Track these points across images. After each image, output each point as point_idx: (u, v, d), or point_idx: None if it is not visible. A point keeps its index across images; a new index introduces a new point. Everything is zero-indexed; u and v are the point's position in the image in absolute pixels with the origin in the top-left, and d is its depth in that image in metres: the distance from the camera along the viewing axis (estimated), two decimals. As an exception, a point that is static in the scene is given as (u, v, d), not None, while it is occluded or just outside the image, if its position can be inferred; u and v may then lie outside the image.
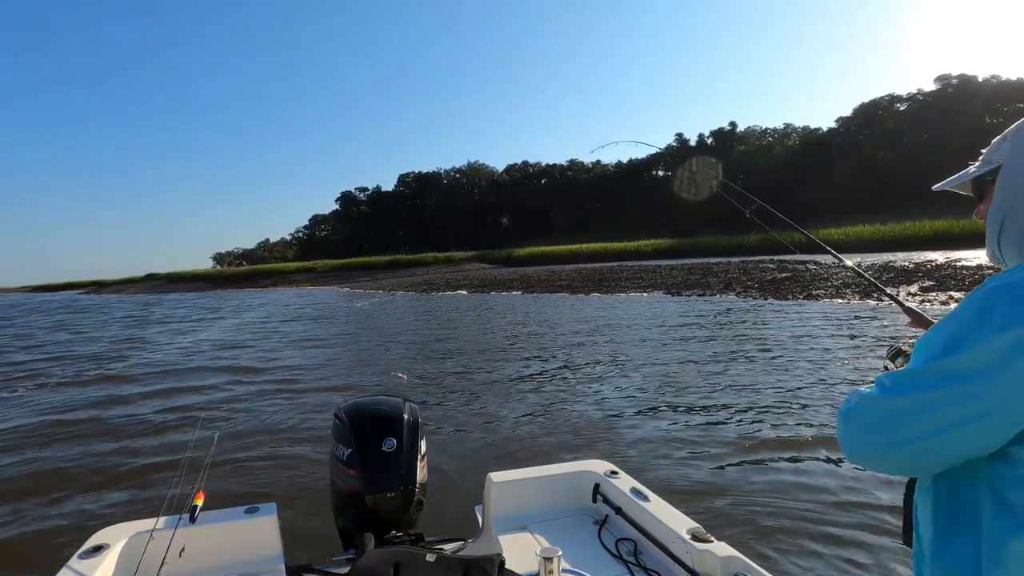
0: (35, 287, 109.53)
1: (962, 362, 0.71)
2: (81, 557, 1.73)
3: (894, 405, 0.77)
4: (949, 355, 0.72)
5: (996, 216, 0.83)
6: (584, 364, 8.93)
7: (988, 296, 0.71)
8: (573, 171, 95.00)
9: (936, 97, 66.91)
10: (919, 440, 0.75)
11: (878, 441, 0.80)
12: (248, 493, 4.21)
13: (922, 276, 18.34)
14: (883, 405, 0.79)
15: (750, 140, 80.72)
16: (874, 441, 0.80)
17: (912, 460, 0.79)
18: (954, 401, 0.72)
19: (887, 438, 0.78)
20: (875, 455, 0.82)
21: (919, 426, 0.75)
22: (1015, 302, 0.68)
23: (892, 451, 0.79)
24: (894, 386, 0.78)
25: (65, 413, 7.42)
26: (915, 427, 0.75)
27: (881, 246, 35.50)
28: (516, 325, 14.51)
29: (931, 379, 0.74)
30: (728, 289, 19.86)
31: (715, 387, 7.02)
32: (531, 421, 6.04)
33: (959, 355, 0.71)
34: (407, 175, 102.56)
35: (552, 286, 26.83)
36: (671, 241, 56.05)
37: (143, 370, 10.65)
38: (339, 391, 7.91)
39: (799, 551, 3.23)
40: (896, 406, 0.77)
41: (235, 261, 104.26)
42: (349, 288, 41.08)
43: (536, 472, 2.27)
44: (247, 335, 15.86)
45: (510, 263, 55.13)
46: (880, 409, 0.79)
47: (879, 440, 0.80)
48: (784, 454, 4.70)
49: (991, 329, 0.69)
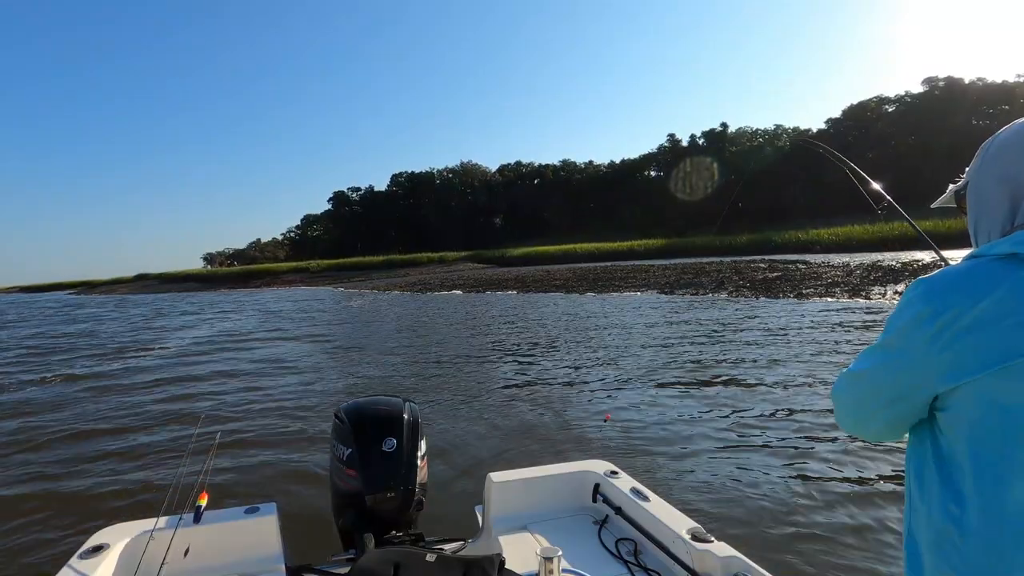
0: (23, 287, 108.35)
1: (891, 339, 0.87)
2: (81, 557, 1.72)
3: (857, 379, 0.93)
4: (885, 334, 0.89)
5: (970, 224, 0.94)
6: (582, 363, 8.95)
7: (910, 287, 0.87)
8: (566, 171, 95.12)
9: (924, 99, 67.58)
10: (881, 408, 0.90)
11: (856, 414, 0.96)
12: (248, 493, 4.21)
13: (909, 275, 18.51)
14: (850, 379, 0.95)
15: (741, 141, 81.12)
16: (852, 414, 0.96)
17: (885, 426, 0.92)
18: (889, 370, 0.87)
19: (858, 410, 0.95)
20: (857, 426, 0.97)
21: (875, 395, 0.90)
22: (916, 286, 0.84)
23: (865, 420, 0.95)
24: (856, 363, 0.94)
25: (65, 413, 7.38)
26: (873, 397, 0.91)
27: (869, 246, 35.78)
28: (513, 325, 14.51)
29: (875, 354, 0.90)
30: (720, 288, 19.95)
31: (714, 386, 7.05)
32: (531, 421, 6.05)
33: (889, 333, 0.87)
34: (400, 175, 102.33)
35: (547, 286, 26.85)
36: (664, 241, 56.26)
37: (143, 369, 10.59)
38: (339, 391, 7.90)
39: (799, 551, 3.24)
40: (858, 380, 0.93)
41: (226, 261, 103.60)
42: (344, 288, 40.92)
43: (536, 472, 2.27)
44: (245, 335, 15.77)
45: (504, 263, 55.10)
46: (848, 383, 0.95)
47: (856, 413, 0.96)
48: (785, 453, 4.72)
49: (902, 310, 0.85)
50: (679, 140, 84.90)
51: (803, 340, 9.67)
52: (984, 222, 0.90)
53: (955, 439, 0.82)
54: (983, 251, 0.83)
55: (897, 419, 0.90)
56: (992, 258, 0.80)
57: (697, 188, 74.26)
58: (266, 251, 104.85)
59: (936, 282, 0.82)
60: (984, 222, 0.90)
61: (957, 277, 0.80)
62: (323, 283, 49.02)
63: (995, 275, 0.77)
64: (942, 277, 0.82)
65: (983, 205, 0.90)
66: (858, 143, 68.54)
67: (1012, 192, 0.86)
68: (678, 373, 7.83)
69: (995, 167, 0.89)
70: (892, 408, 0.89)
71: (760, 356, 8.61)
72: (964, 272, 0.81)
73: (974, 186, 0.92)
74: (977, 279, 0.78)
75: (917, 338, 0.81)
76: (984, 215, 0.90)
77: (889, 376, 0.87)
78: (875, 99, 72.79)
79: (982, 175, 0.90)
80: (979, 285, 0.77)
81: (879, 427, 0.94)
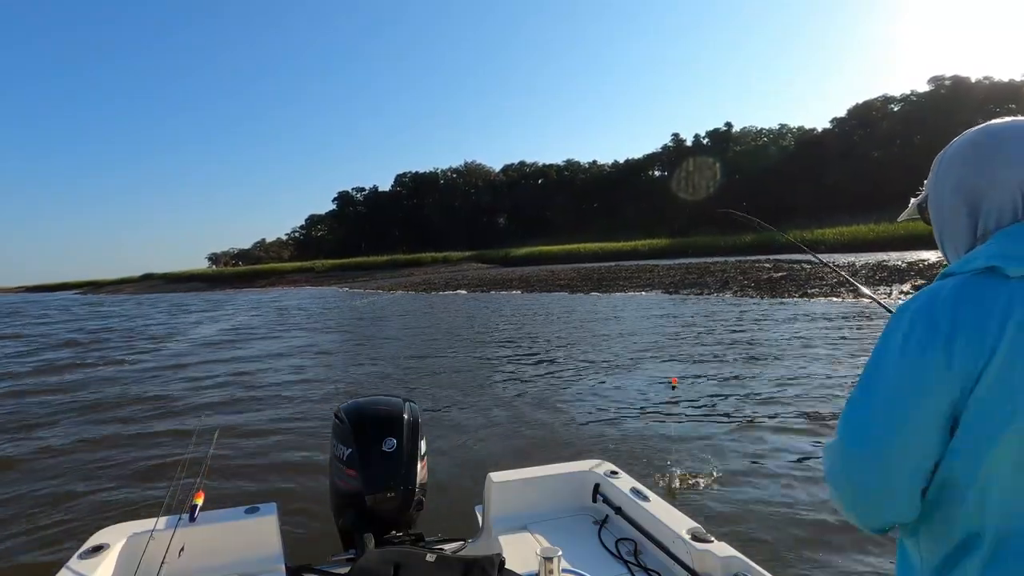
0: (30, 287, 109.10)
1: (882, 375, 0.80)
2: (81, 557, 1.72)
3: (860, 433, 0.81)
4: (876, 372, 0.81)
5: (936, 236, 0.94)
6: (584, 363, 8.94)
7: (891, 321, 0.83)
8: (570, 171, 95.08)
9: (929, 98, 67.19)
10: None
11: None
12: (248, 493, 4.21)
13: (914, 275, 18.42)
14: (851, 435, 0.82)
15: (746, 140, 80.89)
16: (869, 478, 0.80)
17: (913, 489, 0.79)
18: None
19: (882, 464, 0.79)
20: (881, 500, 0.81)
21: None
22: (903, 312, 0.80)
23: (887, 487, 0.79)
24: (845, 427, 0.83)
25: (65, 412, 7.40)
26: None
27: (875, 246, 35.63)
28: (516, 324, 14.51)
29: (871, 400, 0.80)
30: (725, 288, 19.91)
31: (715, 386, 7.04)
32: (531, 421, 6.05)
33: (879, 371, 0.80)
34: (404, 175, 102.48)
35: (551, 285, 26.85)
36: (668, 241, 56.15)
37: (144, 369, 10.62)
38: (340, 390, 7.91)
39: (800, 551, 3.23)
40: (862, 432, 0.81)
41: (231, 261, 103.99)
42: (348, 288, 41.04)
43: (536, 472, 2.27)
44: (247, 333, 15.84)
45: (508, 263, 55.13)
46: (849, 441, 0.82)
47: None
48: (785, 453, 4.71)
49: (885, 341, 0.81)
50: (683, 140, 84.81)
51: (808, 341, 9.63)
52: (948, 233, 0.90)
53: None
54: (958, 268, 0.81)
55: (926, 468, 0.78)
56: (971, 274, 0.78)
57: (701, 188, 74.11)
58: (271, 251, 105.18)
59: (923, 304, 0.78)
60: (948, 233, 0.90)
61: (949, 296, 0.77)
62: (328, 283, 49.15)
63: (984, 295, 0.75)
64: (930, 297, 0.79)
65: (943, 217, 0.91)
66: (864, 142, 68.27)
67: (967, 200, 0.86)
68: (679, 372, 7.81)
69: (948, 178, 0.89)
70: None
71: (763, 356, 8.58)
72: (955, 291, 0.77)
73: (933, 199, 0.93)
74: (972, 301, 0.75)
75: (927, 357, 0.75)
76: (946, 226, 0.90)
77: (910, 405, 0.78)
78: (880, 98, 72.43)
79: (938, 187, 0.91)
80: (979, 306, 0.75)
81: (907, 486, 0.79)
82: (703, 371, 7.87)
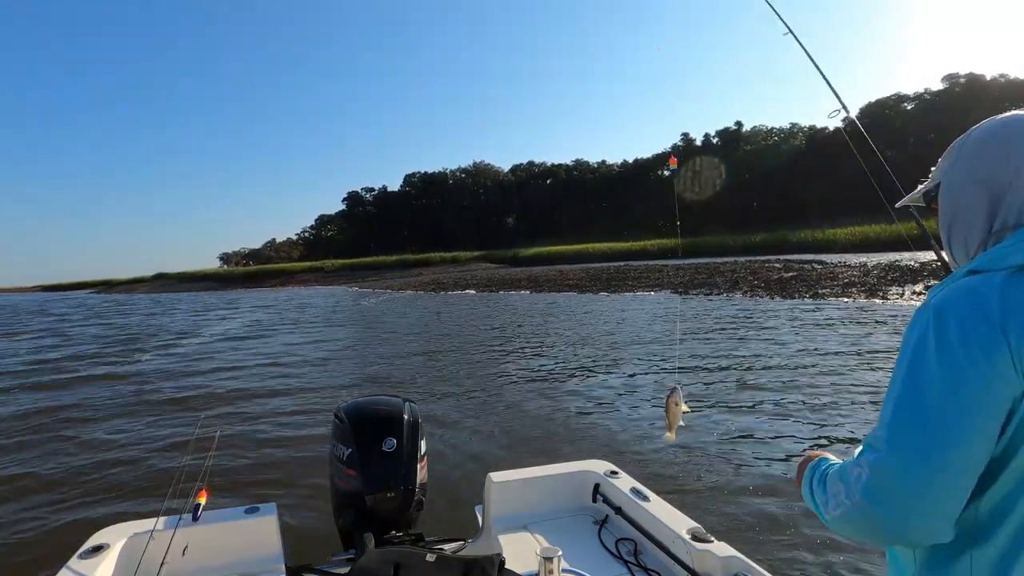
0: (46, 287, 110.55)
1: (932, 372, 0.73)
2: (81, 557, 1.73)
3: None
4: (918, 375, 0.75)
5: (943, 227, 0.89)
6: (588, 363, 8.92)
7: (915, 324, 0.78)
8: (579, 171, 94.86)
9: (944, 96, 66.39)
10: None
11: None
12: (248, 493, 4.23)
13: (927, 275, 18.21)
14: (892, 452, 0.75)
15: (756, 140, 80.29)
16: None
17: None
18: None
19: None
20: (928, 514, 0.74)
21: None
22: (920, 315, 0.77)
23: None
24: (874, 449, 0.78)
25: (65, 412, 7.45)
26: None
27: (887, 246, 35.25)
28: (523, 324, 14.51)
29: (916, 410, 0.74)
30: (735, 288, 19.78)
31: (717, 386, 6.99)
32: (532, 421, 6.04)
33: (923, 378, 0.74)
34: (413, 175, 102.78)
35: (560, 285, 26.83)
36: (677, 240, 55.85)
37: (145, 368, 10.71)
38: (342, 390, 7.93)
39: (800, 551, 3.21)
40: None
41: (242, 261, 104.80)
42: (358, 287, 41.23)
43: (536, 472, 2.27)
44: (254, 333, 15.94)
45: (516, 263, 55.15)
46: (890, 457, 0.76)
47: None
48: (786, 453, 4.67)
49: (922, 343, 0.75)
50: (693, 139, 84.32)
51: (816, 342, 9.55)
52: (959, 224, 0.86)
53: None
54: (990, 264, 0.75)
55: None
56: (1012, 271, 0.73)
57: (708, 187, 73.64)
58: (281, 251, 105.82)
59: (968, 303, 0.73)
60: (959, 224, 0.86)
61: (997, 293, 0.72)
62: (338, 282, 49.41)
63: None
64: (972, 295, 0.73)
65: (958, 207, 0.86)
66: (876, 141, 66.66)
67: (990, 193, 0.82)
68: (683, 373, 7.77)
69: (971, 167, 0.84)
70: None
71: (770, 357, 8.51)
72: (1002, 287, 0.72)
73: (948, 187, 0.87)
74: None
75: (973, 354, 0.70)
76: (959, 217, 0.85)
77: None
78: (894, 96, 71.60)
79: (956, 175, 0.86)
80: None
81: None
82: (707, 371, 7.82)
